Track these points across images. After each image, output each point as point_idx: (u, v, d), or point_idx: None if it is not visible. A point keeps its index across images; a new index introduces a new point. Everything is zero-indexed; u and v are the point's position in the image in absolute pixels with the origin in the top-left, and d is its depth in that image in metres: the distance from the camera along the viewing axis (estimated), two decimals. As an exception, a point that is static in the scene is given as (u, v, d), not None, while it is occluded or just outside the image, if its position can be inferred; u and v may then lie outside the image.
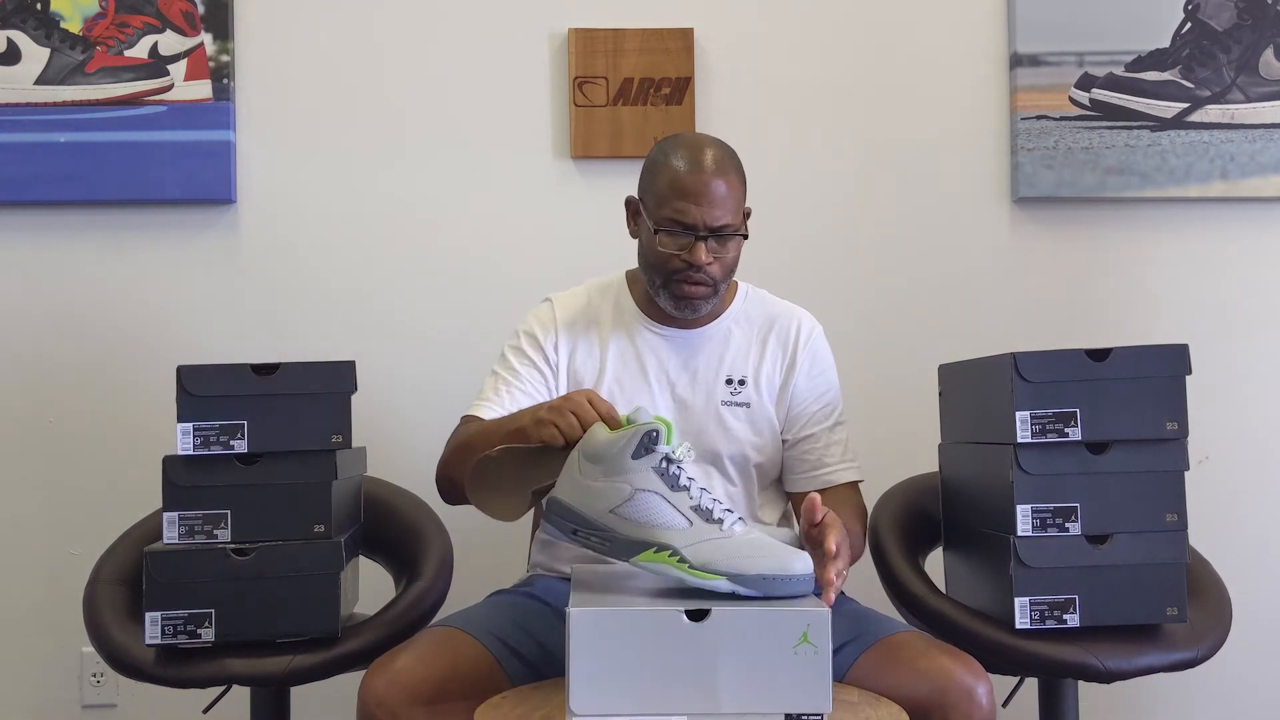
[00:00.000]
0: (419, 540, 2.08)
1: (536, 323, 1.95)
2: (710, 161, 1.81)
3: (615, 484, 1.46)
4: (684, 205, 1.80)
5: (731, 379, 1.93)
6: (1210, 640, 1.93)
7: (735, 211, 1.83)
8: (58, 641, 2.51)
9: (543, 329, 1.94)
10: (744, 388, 1.93)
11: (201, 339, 2.53)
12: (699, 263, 1.81)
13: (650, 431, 1.45)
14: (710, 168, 1.80)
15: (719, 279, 1.86)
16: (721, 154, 1.84)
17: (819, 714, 1.37)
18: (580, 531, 1.48)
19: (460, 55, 2.60)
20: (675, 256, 1.82)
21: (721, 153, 1.84)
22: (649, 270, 1.88)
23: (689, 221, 1.80)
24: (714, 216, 1.80)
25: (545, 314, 1.96)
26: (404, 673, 1.60)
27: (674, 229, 1.81)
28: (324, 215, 2.58)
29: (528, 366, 1.92)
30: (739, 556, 1.43)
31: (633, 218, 1.92)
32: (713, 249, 1.82)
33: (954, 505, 2.09)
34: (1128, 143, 2.61)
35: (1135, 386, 1.86)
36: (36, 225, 2.55)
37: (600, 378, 1.91)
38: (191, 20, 2.54)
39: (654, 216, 1.84)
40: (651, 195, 1.85)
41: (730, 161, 1.84)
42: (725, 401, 1.91)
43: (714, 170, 1.80)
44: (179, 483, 1.89)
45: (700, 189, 1.79)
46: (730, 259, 1.86)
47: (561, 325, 1.94)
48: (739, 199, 1.84)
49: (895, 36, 2.64)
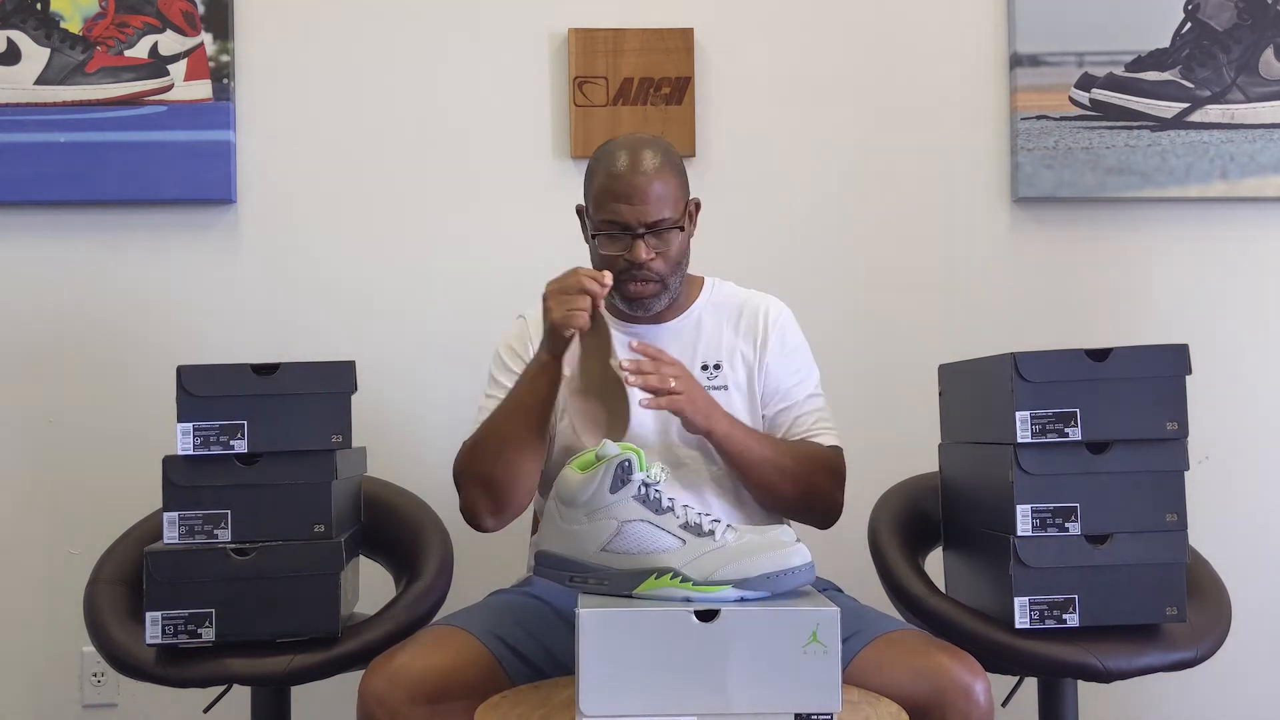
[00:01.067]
0: (419, 540, 2.08)
1: (514, 339, 1.99)
2: (639, 160, 1.84)
3: (600, 522, 1.48)
4: (616, 206, 1.83)
5: (707, 364, 1.94)
6: (1210, 640, 1.93)
7: (672, 205, 1.85)
8: (58, 641, 2.51)
9: (521, 345, 1.97)
10: (720, 371, 1.94)
11: (201, 339, 2.54)
12: (640, 260, 1.84)
13: (623, 462, 1.47)
14: (639, 167, 1.83)
15: (665, 274, 1.88)
16: (651, 151, 1.86)
17: (829, 713, 1.38)
18: (575, 577, 1.50)
19: (460, 55, 2.60)
20: (617, 257, 1.85)
21: (652, 149, 1.86)
22: None
23: (623, 220, 1.83)
24: (647, 213, 1.83)
25: (520, 330, 1.99)
26: (404, 671, 1.60)
27: (612, 231, 1.85)
28: (324, 215, 2.58)
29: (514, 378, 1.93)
30: (738, 561, 1.45)
31: (583, 226, 1.96)
32: (653, 245, 1.85)
33: (954, 505, 2.09)
34: (1128, 143, 2.61)
35: (1135, 386, 1.86)
36: (36, 225, 2.55)
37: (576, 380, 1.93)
38: (191, 20, 2.54)
39: (593, 220, 1.88)
40: (590, 201, 1.89)
41: (661, 157, 1.86)
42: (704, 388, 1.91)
43: (643, 168, 1.83)
44: (179, 483, 1.89)
45: (630, 189, 1.82)
46: (674, 253, 1.87)
47: (535, 339, 1.94)
48: (674, 192, 1.86)
49: (895, 36, 2.65)
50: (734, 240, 2.52)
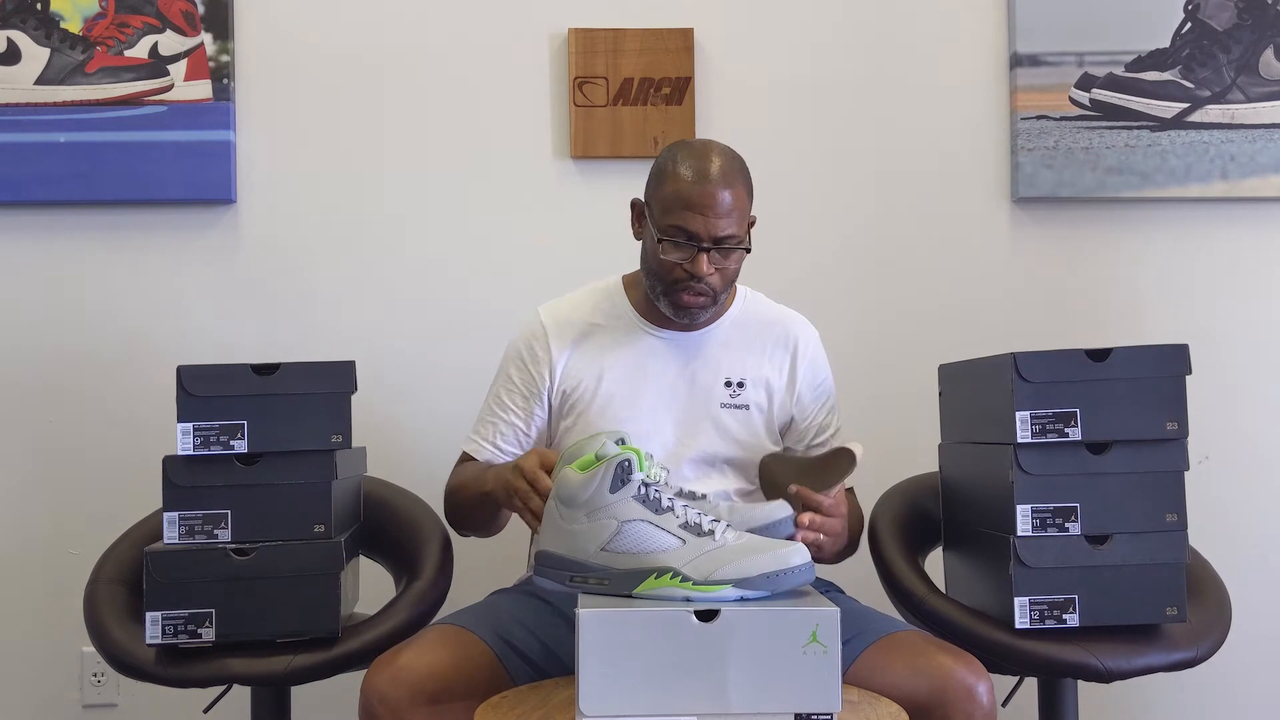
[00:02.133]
0: (419, 540, 2.08)
1: (524, 343, 1.97)
2: (717, 172, 1.80)
3: (599, 522, 1.48)
4: (688, 215, 1.80)
5: (730, 381, 1.93)
6: (1210, 640, 1.93)
7: (739, 223, 1.83)
8: (58, 641, 2.51)
9: (530, 349, 1.96)
10: (743, 390, 1.93)
11: (201, 339, 2.54)
12: (701, 274, 1.81)
13: (623, 462, 1.47)
14: (716, 178, 1.80)
15: (719, 289, 1.86)
16: (729, 164, 1.83)
17: (829, 713, 1.38)
18: (575, 577, 1.50)
19: (460, 55, 2.60)
20: (677, 266, 1.83)
21: (729, 163, 1.83)
22: (651, 276, 1.89)
23: (693, 231, 1.80)
24: (718, 228, 1.80)
25: (534, 329, 1.97)
26: (408, 669, 1.60)
27: (677, 238, 1.81)
28: (324, 215, 2.58)
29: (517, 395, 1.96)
30: (738, 561, 1.44)
31: (638, 220, 1.92)
32: (715, 260, 1.82)
33: (954, 505, 2.09)
34: (1128, 143, 2.61)
35: (1135, 386, 1.86)
36: (36, 225, 2.55)
37: (599, 383, 1.91)
38: (191, 20, 2.54)
39: (658, 224, 1.83)
40: (657, 202, 1.84)
41: (737, 172, 1.84)
42: (724, 404, 1.92)
43: (720, 181, 1.80)
44: (179, 483, 1.89)
45: (706, 200, 1.79)
46: (731, 270, 1.86)
47: (552, 337, 1.95)
48: (744, 210, 1.84)
49: (895, 36, 2.65)
50: (734, 240, 2.52)
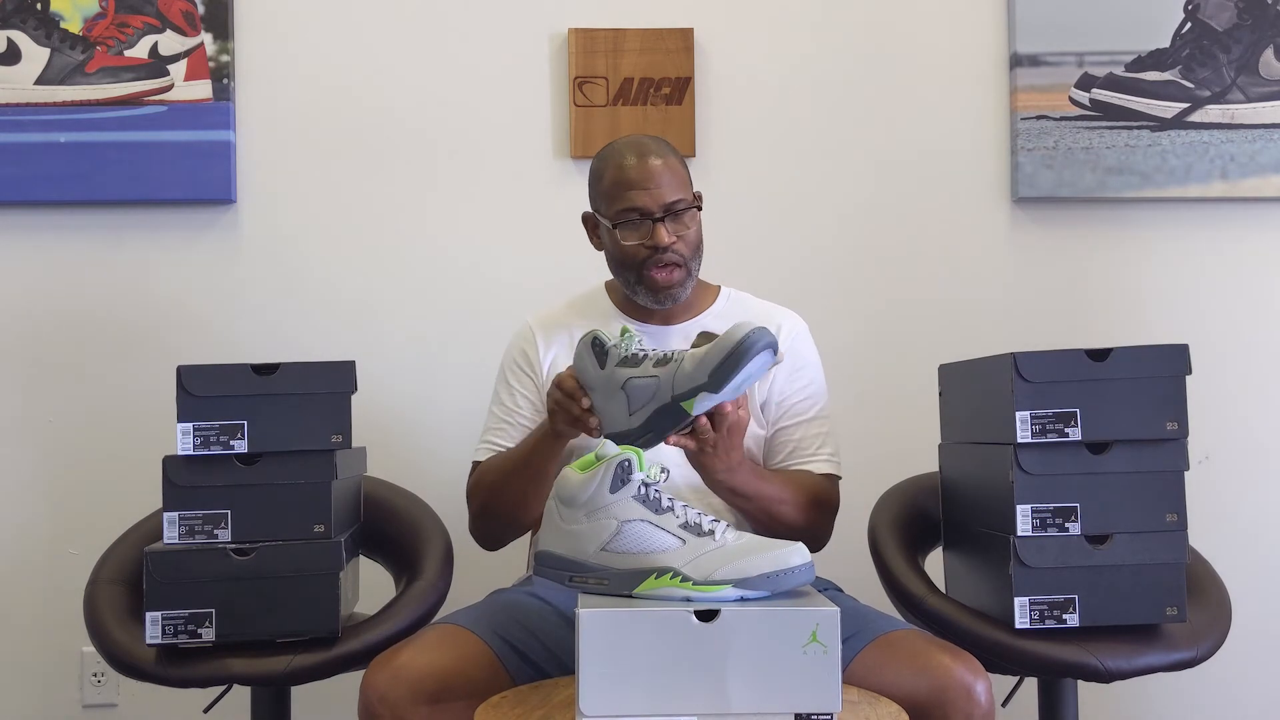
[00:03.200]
0: (419, 540, 2.08)
1: (517, 349, 2.01)
2: (644, 149, 1.90)
3: (599, 522, 1.49)
4: (633, 194, 1.87)
5: None
6: (1210, 640, 1.93)
7: (683, 188, 1.90)
8: (58, 641, 2.51)
9: (524, 353, 1.99)
10: None
11: (201, 339, 2.54)
12: (662, 243, 1.87)
13: (623, 462, 1.48)
14: (646, 154, 1.89)
15: (688, 256, 1.90)
16: (654, 141, 1.93)
17: (829, 713, 1.38)
18: (575, 577, 1.51)
19: (460, 55, 2.60)
20: (639, 246, 1.88)
21: (654, 141, 1.93)
22: (621, 270, 1.93)
23: (641, 205, 1.87)
24: (663, 196, 1.87)
25: (525, 335, 2.02)
26: (408, 669, 1.60)
27: (630, 218, 1.87)
28: (324, 215, 2.58)
29: (519, 396, 1.98)
30: (738, 561, 1.45)
31: (592, 231, 1.99)
32: (673, 229, 1.88)
33: (954, 505, 2.09)
34: (1128, 143, 2.61)
35: (1135, 386, 1.86)
36: (36, 225, 2.55)
37: None
38: (191, 20, 2.54)
39: (609, 216, 1.90)
40: (602, 200, 1.92)
41: (663, 146, 1.93)
42: None
43: (650, 154, 1.89)
44: (179, 483, 1.89)
45: (643, 174, 1.87)
46: (693, 235, 1.91)
47: (542, 341, 1.98)
48: (683, 177, 1.91)
49: (895, 36, 2.65)
50: (733, 240, 2.52)
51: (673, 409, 1.56)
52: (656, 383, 1.57)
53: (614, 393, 1.60)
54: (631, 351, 1.59)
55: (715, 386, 1.53)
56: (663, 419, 1.57)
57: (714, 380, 1.53)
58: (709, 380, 1.53)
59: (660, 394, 1.57)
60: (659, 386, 1.57)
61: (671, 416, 1.57)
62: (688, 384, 1.54)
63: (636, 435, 1.59)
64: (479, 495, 1.93)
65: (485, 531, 1.96)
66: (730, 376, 1.52)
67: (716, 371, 1.52)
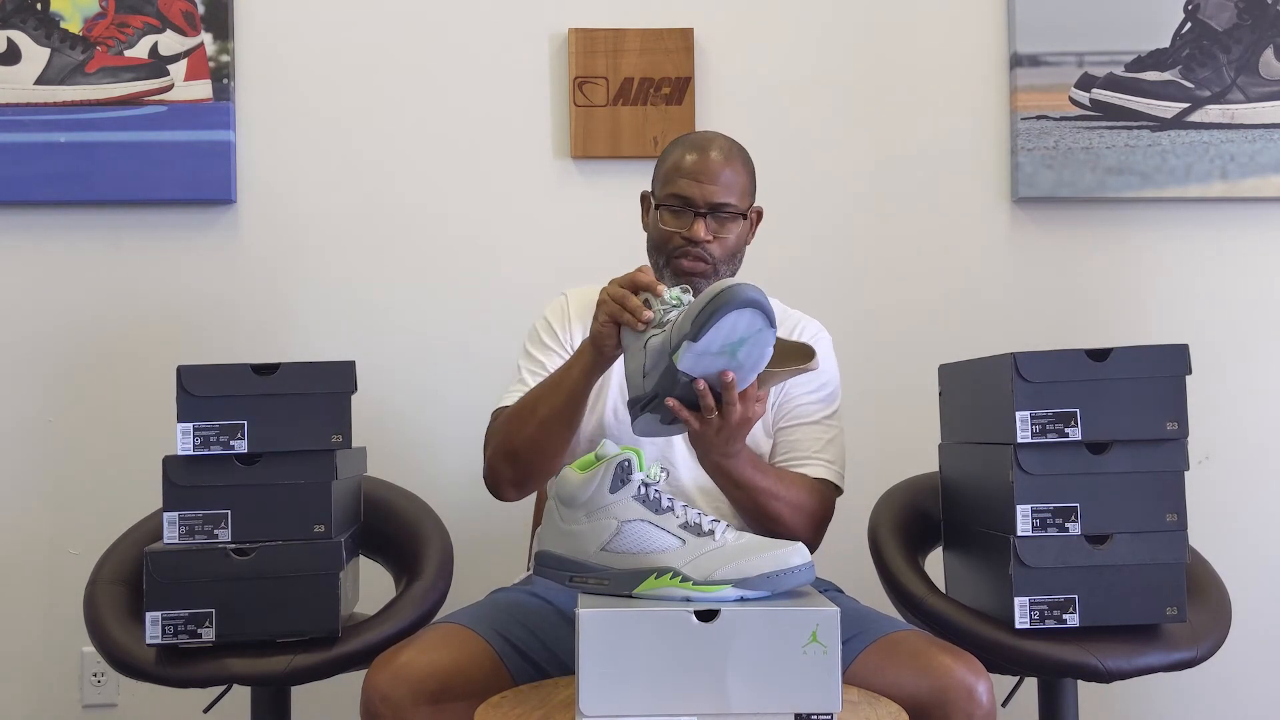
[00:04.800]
0: (419, 540, 2.08)
1: (552, 315, 2.00)
2: (713, 146, 1.90)
3: (599, 522, 1.49)
4: (684, 183, 1.87)
5: None
6: (1210, 640, 1.93)
7: (738, 195, 1.88)
8: (58, 641, 2.51)
9: (559, 320, 1.98)
10: None
11: (201, 339, 2.53)
12: (698, 238, 1.86)
13: (623, 462, 1.47)
14: (713, 151, 1.89)
15: (719, 259, 1.89)
16: (728, 143, 1.92)
17: (829, 713, 1.38)
18: (575, 577, 1.51)
19: (460, 55, 2.60)
20: (675, 234, 1.88)
21: (729, 143, 1.92)
22: (653, 252, 1.93)
23: (688, 196, 1.86)
24: (713, 194, 1.86)
25: (560, 307, 2.01)
26: (409, 668, 1.60)
27: (674, 205, 1.87)
28: (324, 215, 2.58)
29: (549, 353, 1.95)
30: (738, 561, 1.45)
31: (645, 210, 1.98)
32: (712, 228, 1.87)
33: (954, 505, 2.09)
34: (1128, 143, 2.61)
35: (1135, 386, 1.86)
36: (36, 225, 2.55)
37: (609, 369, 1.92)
38: (191, 20, 2.54)
39: (658, 197, 1.91)
40: (658, 181, 1.92)
41: (736, 151, 1.92)
42: None
43: (717, 153, 1.88)
44: (179, 483, 1.89)
45: (700, 168, 1.87)
46: (731, 241, 1.89)
47: (575, 318, 1.97)
48: (742, 185, 1.90)
49: (895, 36, 2.65)
50: (734, 240, 2.52)
51: (671, 367, 1.53)
52: (664, 338, 1.55)
53: (637, 352, 1.58)
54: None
55: (695, 335, 1.48)
56: (666, 379, 1.55)
57: (694, 328, 1.48)
58: (690, 328, 1.48)
59: (665, 350, 1.54)
60: (665, 342, 1.54)
61: (670, 375, 1.54)
62: (677, 335, 1.51)
63: (648, 399, 1.57)
64: (501, 431, 1.84)
65: (500, 473, 1.85)
66: (707, 325, 1.47)
67: (697, 318, 1.48)
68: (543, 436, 1.80)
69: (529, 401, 1.83)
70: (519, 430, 1.82)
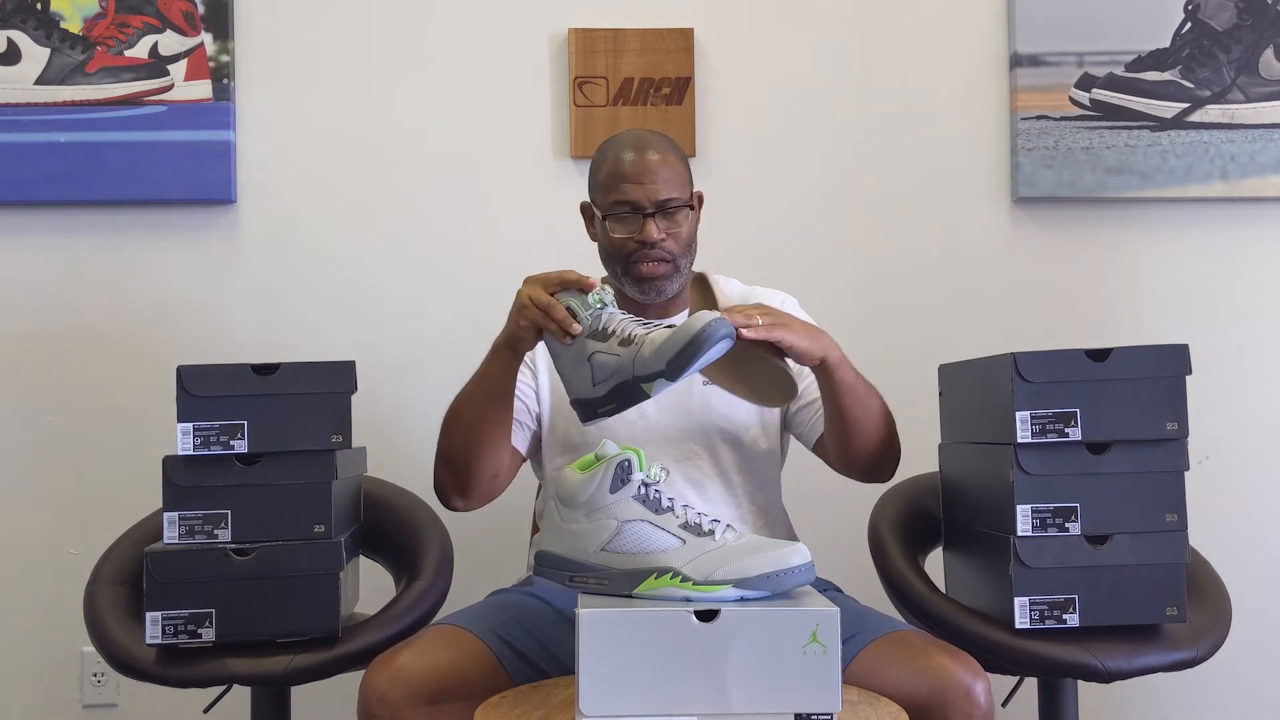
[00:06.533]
0: (419, 540, 2.08)
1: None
2: (644, 144, 1.89)
3: (599, 522, 1.49)
4: (626, 187, 1.86)
5: None
6: (1210, 640, 1.93)
7: (679, 186, 1.88)
8: (58, 641, 2.51)
9: None
10: None
11: (201, 339, 2.54)
12: (651, 239, 1.86)
13: (623, 462, 1.48)
14: (645, 149, 1.88)
15: (677, 254, 1.89)
16: (655, 137, 1.92)
17: (829, 714, 1.38)
18: (575, 577, 1.51)
19: (460, 55, 2.60)
20: (628, 239, 1.87)
21: (655, 136, 1.92)
22: (609, 262, 1.93)
23: (633, 199, 1.86)
24: (656, 192, 1.86)
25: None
26: (406, 669, 1.60)
27: (621, 211, 1.87)
28: (324, 215, 2.58)
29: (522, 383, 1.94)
30: (738, 561, 1.45)
31: (588, 221, 1.98)
32: (663, 226, 1.87)
33: (954, 505, 2.09)
34: (1128, 143, 2.61)
35: (1135, 386, 1.86)
36: (36, 225, 2.55)
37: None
38: (191, 20, 2.54)
39: (601, 207, 1.90)
40: (597, 191, 1.91)
41: (665, 143, 1.91)
42: (707, 382, 1.91)
43: (649, 150, 1.88)
44: (179, 483, 1.89)
45: (638, 169, 1.86)
46: (684, 234, 1.89)
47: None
48: (681, 176, 1.90)
49: (895, 36, 2.65)
50: (734, 240, 2.52)
51: (634, 386, 1.59)
52: (619, 361, 1.59)
53: (580, 363, 1.62)
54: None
55: (672, 375, 1.55)
56: (625, 393, 1.60)
57: (671, 369, 1.54)
58: (666, 369, 1.54)
59: (622, 371, 1.59)
60: (620, 365, 1.59)
61: (632, 393, 1.59)
62: (646, 369, 1.56)
63: (599, 404, 1.62)
64: (438, 440, 1.88)
65: (442, 481, 1.88)
66: (687, 366, 1.54)
67: (674, 361, 1.54)
68: (473, 440, 1.83)
69: (455, 408, 1.86)
70: (448, 437, 1.86)
